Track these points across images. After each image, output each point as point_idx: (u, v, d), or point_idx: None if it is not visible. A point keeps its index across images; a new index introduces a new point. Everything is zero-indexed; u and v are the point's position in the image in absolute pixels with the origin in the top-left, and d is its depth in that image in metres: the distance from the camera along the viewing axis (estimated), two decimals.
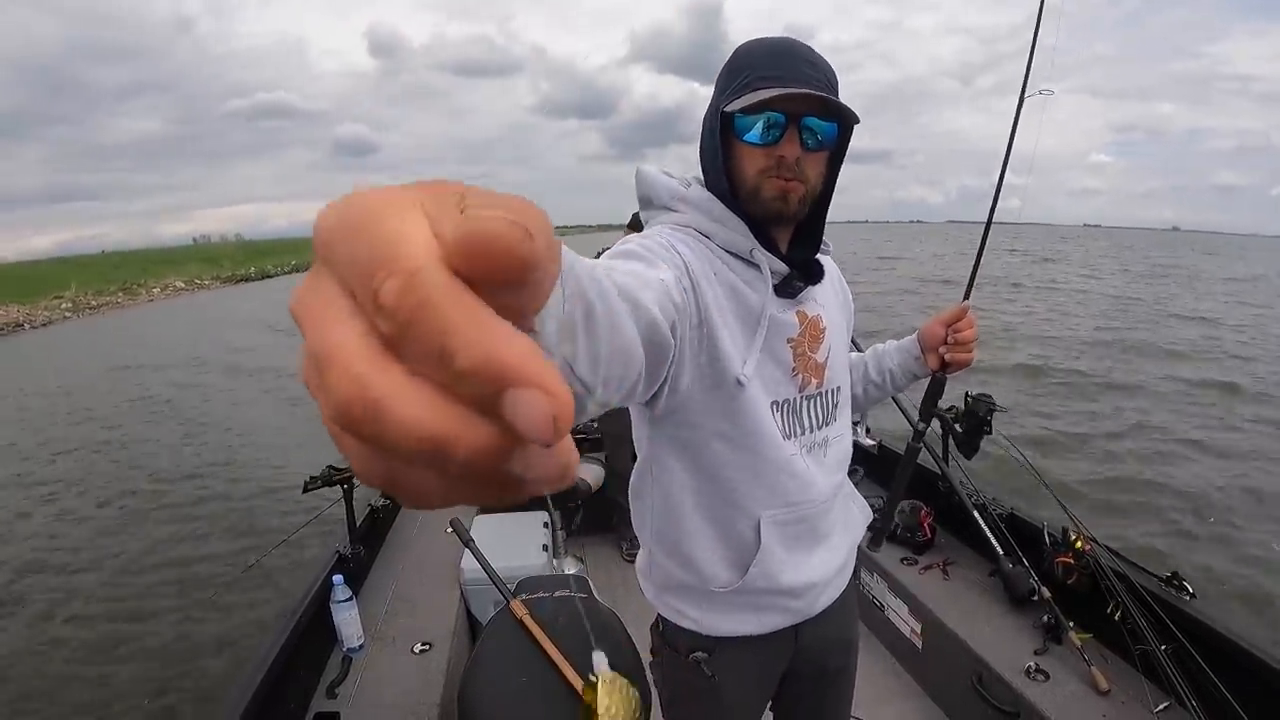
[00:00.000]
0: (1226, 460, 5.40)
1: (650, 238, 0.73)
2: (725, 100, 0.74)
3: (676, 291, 0.64)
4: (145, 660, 3.18)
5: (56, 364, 12.26)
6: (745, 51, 0.76)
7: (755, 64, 0.74)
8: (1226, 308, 15.37)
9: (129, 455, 6.45)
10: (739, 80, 0.74)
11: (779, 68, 0.73)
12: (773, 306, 0.77)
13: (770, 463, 0.79)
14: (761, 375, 0.77)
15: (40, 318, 20.43)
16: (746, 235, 0.77)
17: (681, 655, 0.88)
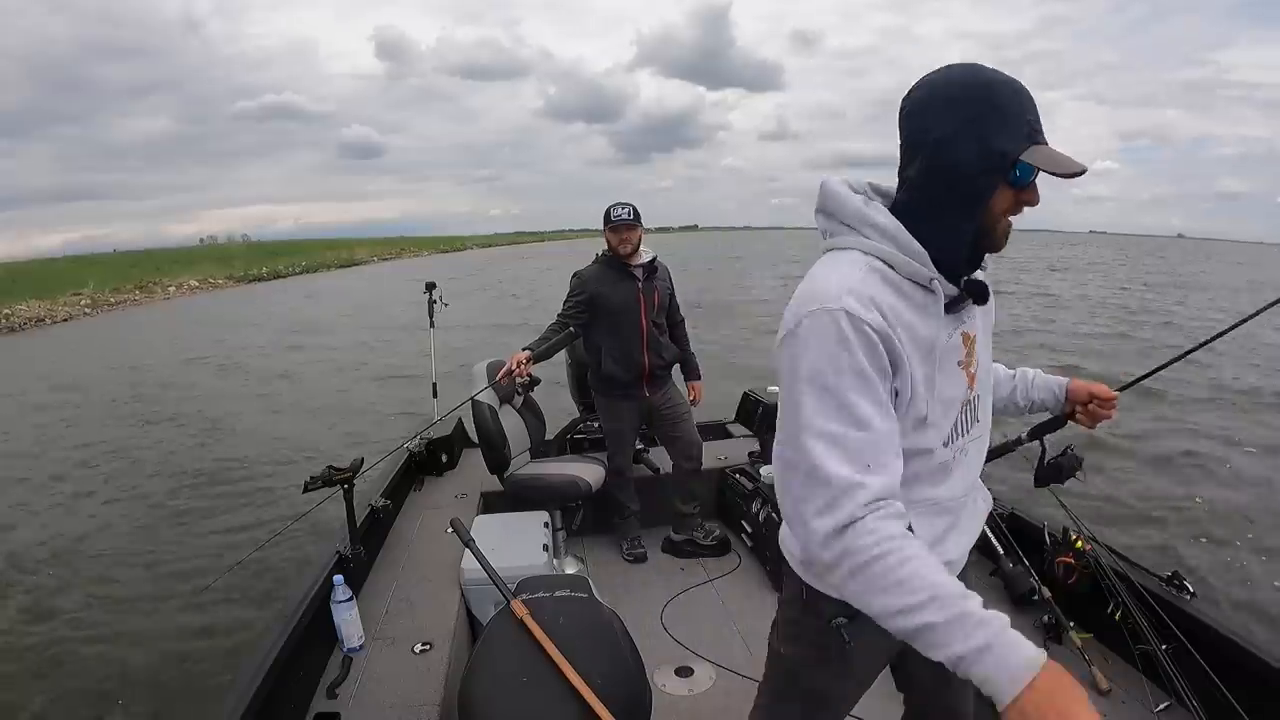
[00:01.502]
0: (1227, 459, 5.40)
1: (856, 336, 0.77)
2: (1004, 140, 0.78)
3: (897, 454, 0.79)
4: (144, 660, 3.18)
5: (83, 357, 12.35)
6: (1014, 93, 0.79)
7: (1027, 109, 0.79)
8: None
9: (147, 454, 6.49)
10: (1021, 128, 0.78)
11: (1037, 117, 0.79)
12: (944, 332, 0.86)
13: (928, 467, 0.88)
14: (941, 402, 0.87)
15: (61, 313, 20.89)
16: (928, 265, 0.83)
17: (823, 620, 0.95)
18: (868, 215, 0.85)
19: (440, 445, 2.92)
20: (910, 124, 0.83)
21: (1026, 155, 0.77)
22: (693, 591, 2.49)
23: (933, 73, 0.83)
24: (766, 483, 2.64)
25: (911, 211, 0.84)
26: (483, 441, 2.43)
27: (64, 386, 9.60)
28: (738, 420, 3.43)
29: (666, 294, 2.58)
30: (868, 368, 0.77)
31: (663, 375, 2.59)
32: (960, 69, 0.81)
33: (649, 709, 1.20)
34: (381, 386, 8.66)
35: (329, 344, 12.35)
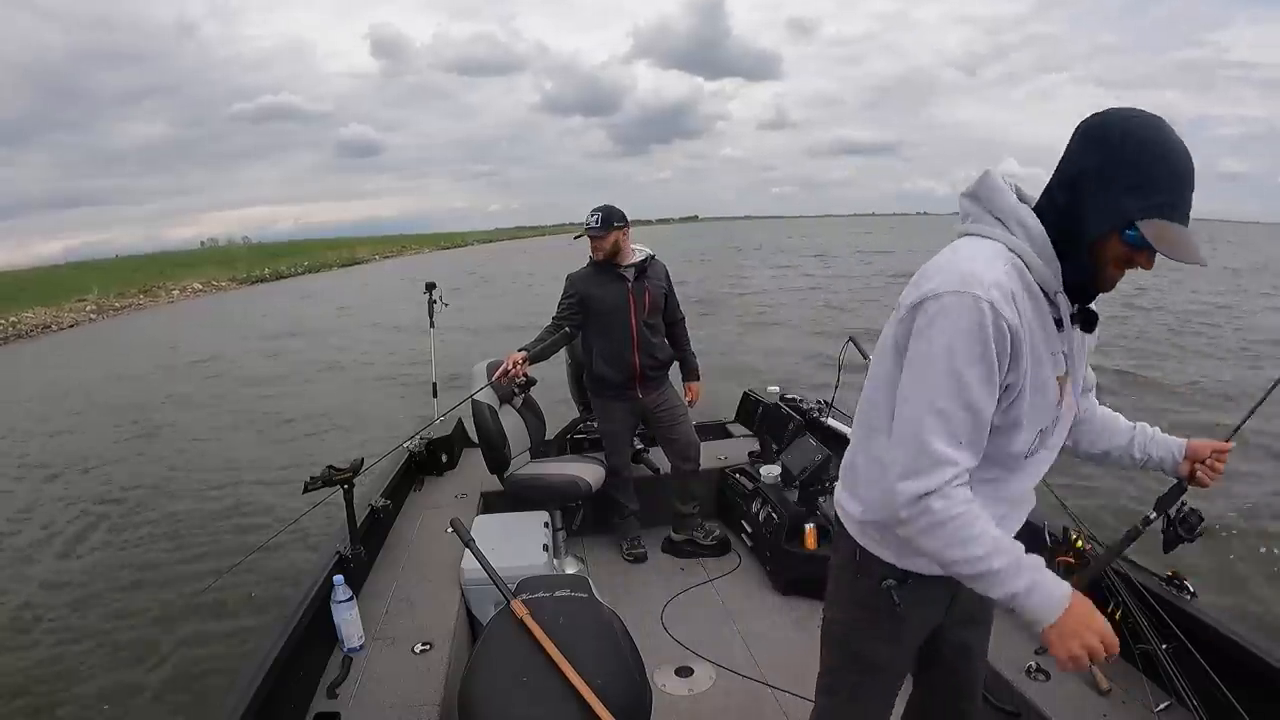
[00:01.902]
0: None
1: (994, 329, 0.83)
2: (1131, 200, 0.80)
3: (981, 445, 0.88)
4: (144, 660, 3.18)
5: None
6: (1168, 164, 0.80)
7: (1174, 186, 0.80)
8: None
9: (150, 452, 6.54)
10: (1156, 198, 0.80)
11: (1183, 198, 0.80)
12: (1054, 346, 0.91)
13: (1003, 459, 0.94)
14: (1034, 407, 0.90)
15: (67, 319, 21.01)
16: (1058, 277, 0.88)
17: (875, 581, 1.02)
18: (1020, 214, 0.89)
19: (440, 445, 2.92)
20: (1074, 143, 0.86)
21: (1142, 224, 0.79)
22: (693, 591, 2.49)
23: (1121, 110, 0.84)
24: (767, 482, 2.64)
25: (1046, 224, 0.88)
26: (483, 441, 2.43)
27: (71, 392, 9.64)
28: (737, 420, 3.43)
29: (660, 293, 2.56)
30: (994, 359, 0.83)
31: (656, 376, 2.58)
32: (1143, 119, 0.81)
33: (649, 709, 1.20)
34: (387, 385, 8.67)
35: (333, 343, 12.42)
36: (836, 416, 2.88)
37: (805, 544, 2.35)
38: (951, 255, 0.91)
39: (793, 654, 2.08)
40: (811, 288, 18.66)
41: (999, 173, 0.93)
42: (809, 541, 2.34)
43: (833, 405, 2.90)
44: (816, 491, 2.40)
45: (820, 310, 14.28)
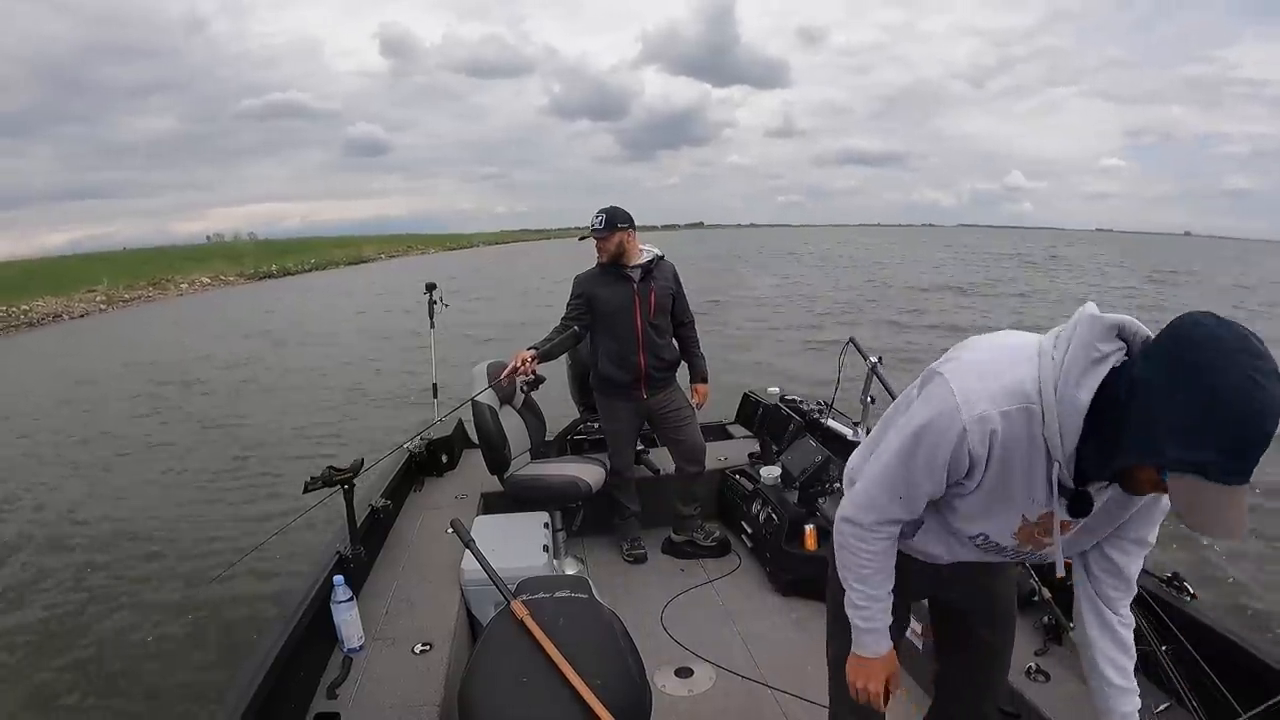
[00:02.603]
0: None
1: (956, 448, 0.87)
2: (1174, 443, 0.70)
3: (920, 509, 0.99)
4: (143, 660, 3.18)
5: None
6: (1238, 415, 0.67)
7: (1234, 448, 0.68)
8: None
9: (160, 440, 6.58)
10: (1203, 454, 0.68)
11: (1239, 461, 0.68)
12: (1035, 495, 0.89)
13: (955, 527, 1.01)
14: (979, 517, 0.96)
15: (77, 309, 21.39)
16: (1069, 455, 0.83)
17: None
18: (1075, 375, 0.80)
19: (440, 446, 2.92)
20: (1161, 342, 0.74)
21: (1173, 479, 0.71)
22: (693, 592, 2.49)
23: (1228, 329, 0.69)
24: (767, 484, 2.64)
25: (1104, 396, 0.78)
26: (483, 442, 2.43)
27: (84, 381, 9.76)
28: (738, 421, 3.42)
29: (667, 295, 2.55)
30: (945, 467, 0.90)
31: (662, 377, 2.58)
32: (1231, 346, 0.68)
33: (649, 710, 1.20)
34: (395, 385, 8.70)
35: (340, 343, 12.46)
36: (836, 418, 2.88)
37: (805, 545, 2.35)
38: (990, 350, 0.90)
39: (793, 655, 2.08)
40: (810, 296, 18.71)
41: (1112, 317, 0.79)
42: (809, 542, 2.34)
43: (833, 406, 2.90)
44: (816, 493, 2.40)
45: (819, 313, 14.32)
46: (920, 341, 10.48)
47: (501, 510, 2.49)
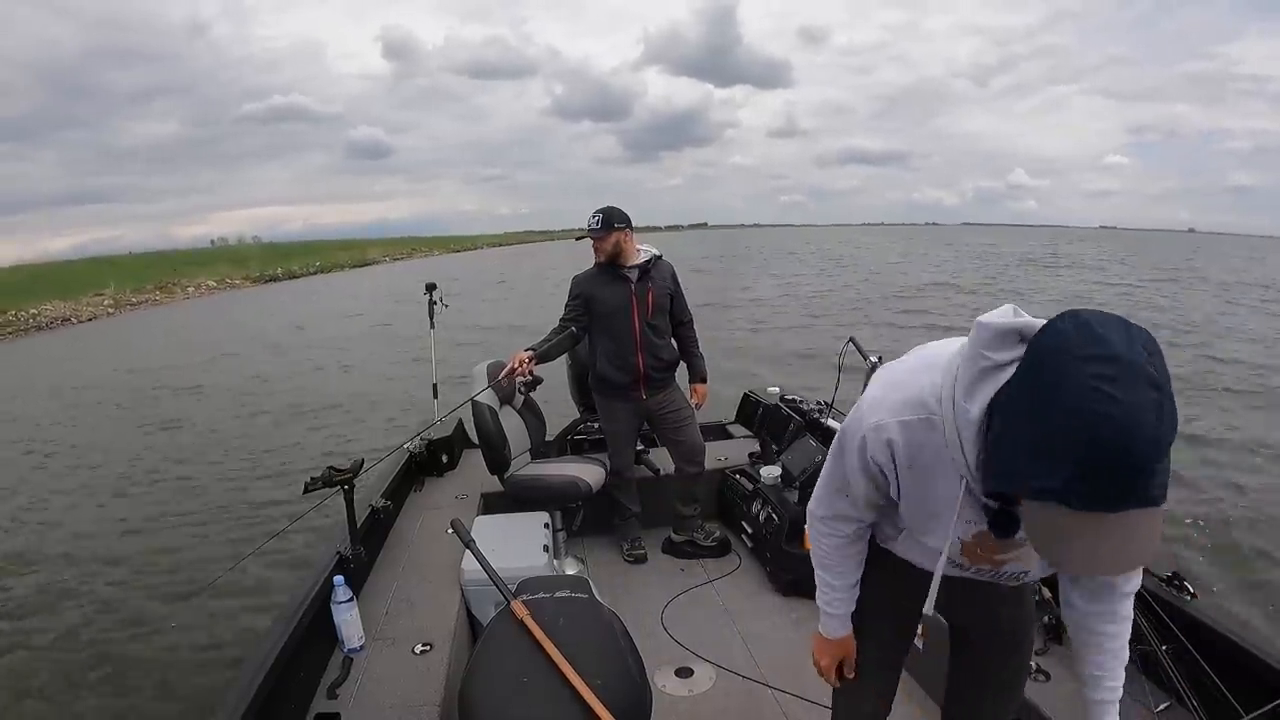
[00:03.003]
0: (1228, 459, 5.40)
1: (859, 457, 0.92)
2: (1039, 482, 0.63)
3: (869, 510, 1.02)
4: (144, 661, 3.18)
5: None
6: (1094, 444, 0.58)
7: (1097, 470, 0.59)
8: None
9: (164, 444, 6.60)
10: (1073, 482, 0.60)
11: (1107, 484, 0.59)
12: (970, 512, 0.86)
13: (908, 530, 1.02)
14: (915, 528, 0.97)
15: (85, 313, 21.68)
16: (974, 467, 0.78)
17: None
18: (964, 391, 0.75)
19: (440, 446, 2.92)
20: (1025, 352, 0.67)
21: (1029, 507, 0.66)
22: (693, 592, 2.49)
23: (1083, 331, 0.61)
24: (767, 483, 2.64)
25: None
26: (483, 442, 2.43)
27: (91, 385, 9.80)
28: (738, 421, 3.43)
29: (665, 295, 2.55)
30: (863, 471, 0.94)
31: (660, 378, 2.58)
32: (1079, 372, 0.59)
33: (649, 710, 1.20)
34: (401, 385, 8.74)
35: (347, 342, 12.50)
36: (836, 417, 2.88)
37: (805, 545, 2.34)
38: (909, 359, 0.91)
39: (793, 655, 2.07)
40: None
41: (1002, 322, 0.73)
42: (809, 543, 2.34)
43: (833, 406, 2.90)
44: None
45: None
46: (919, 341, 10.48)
47: (501, 510, 2.49)
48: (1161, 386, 0.58)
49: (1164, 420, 0.57)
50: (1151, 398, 0.57)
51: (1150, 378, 0.58)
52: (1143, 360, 0.58)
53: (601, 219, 2.42)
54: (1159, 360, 0.60)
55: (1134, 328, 0.62)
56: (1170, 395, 0.59)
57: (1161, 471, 0.59)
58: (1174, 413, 0.59)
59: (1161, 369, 0.59)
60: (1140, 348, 0.59)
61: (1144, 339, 0.61)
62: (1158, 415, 0.57)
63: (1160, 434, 0.57)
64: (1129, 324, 0.62)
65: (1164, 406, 0.58)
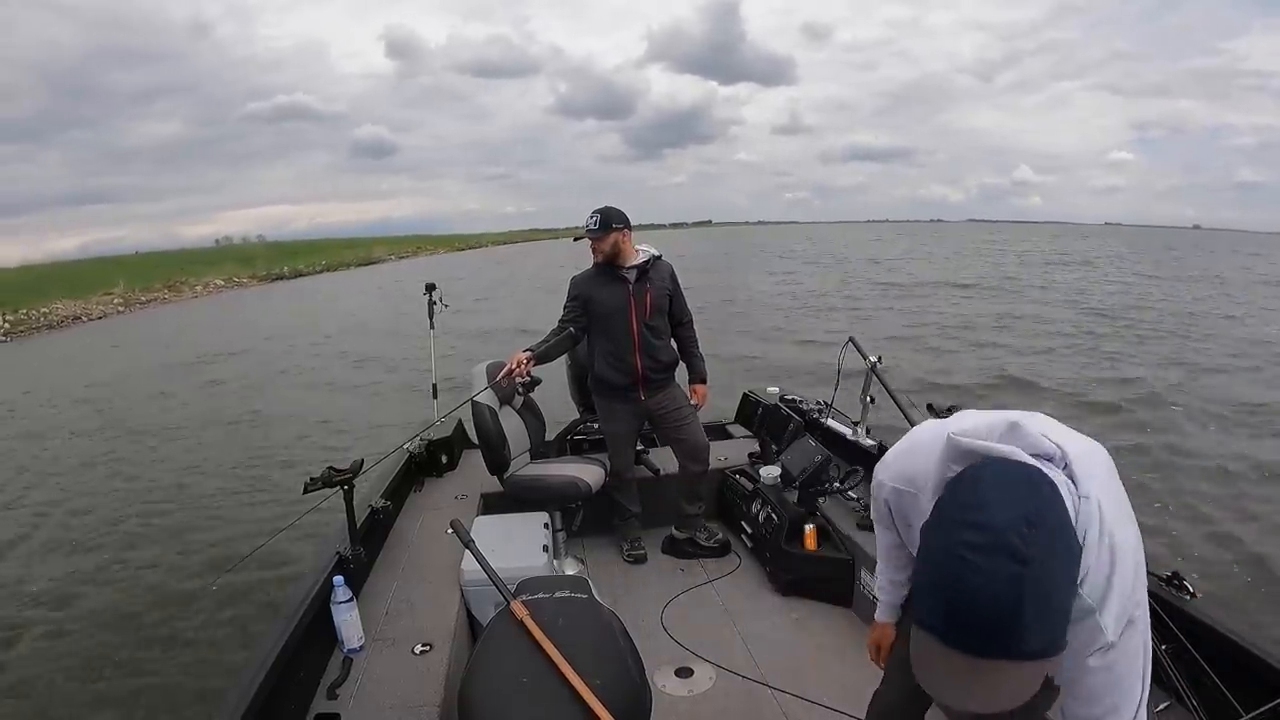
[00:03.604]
0: (1227, 459, 5.40)
1: (874, 502, 1.13)
2: (921, 606, 0.68)
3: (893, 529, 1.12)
4: (144, 662, 3.18)
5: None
6: (951, 598, 0.63)
7: (951, 620, 0.64)
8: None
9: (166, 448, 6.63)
10: (922, 606, 0.67)
11: (959, 635, 0.63)
12: None
13: None
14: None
15: (95, 311, 22.02)
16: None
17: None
18: (931, 494, 0.82)
19: (440, 446, 2.92)
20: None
21: (915, 631, 0.68)
22: (693, 592, 2.49)
23: (965, 492, 0.68)
24: (766, 483, 2.64)
25: None
26: (482, 442, 2.43)
27: (102, 383, 9.90)
28: (738, 421, 3.42)
29: (664, 295, 2.54)
30: (876, 503, 1.11)
31: (660, 378, 2.57)
32: (950, 531, 0.65)
33: (649, 710, 1.20)
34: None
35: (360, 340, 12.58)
36: (836, 417, 2.88)
37: (805, 545, 2.35)
38: (924, 430, 1.01)
39: (792, 655, 2.08)
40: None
41: (967, 444, 0.77)
42: (809, 542, 2.34)
43: (832, 406, 2.90)
44: (816, 492, 2.40)
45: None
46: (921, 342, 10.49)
47: (501, 510, 2.49)
48: (1028, 561, 0.60)
49: (1024, 593, 0.60)
50: (1010, 572, 0.60)
51: (1016, 553, 0.60)
52: (1012, 535, 0.61)
53: (599, 219, 2.41)
54: (1040, 535, 0.62)
55: (1034, 495, 0.65)
56: (1042, 568, 0.61)
57: (1033, 632, 0.61)
58: (1044, 581, 0.61)
59: (1038, 543, 0.61)
60: (1024, 523, 0.62)
61: (1033, 510, 0.63)
62: (1016, 588, 0.60)
63: (1018, 605, 0.60)
64: (1036, 493, 0.66)
65: (1025, 580, 0.60)
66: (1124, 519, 0.79)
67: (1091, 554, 0.75)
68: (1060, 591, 0.64)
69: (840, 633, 2.19)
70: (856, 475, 2.37)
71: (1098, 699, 0.80)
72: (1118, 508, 0.79)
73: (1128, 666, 0.80)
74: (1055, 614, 0.63)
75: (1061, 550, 0.65)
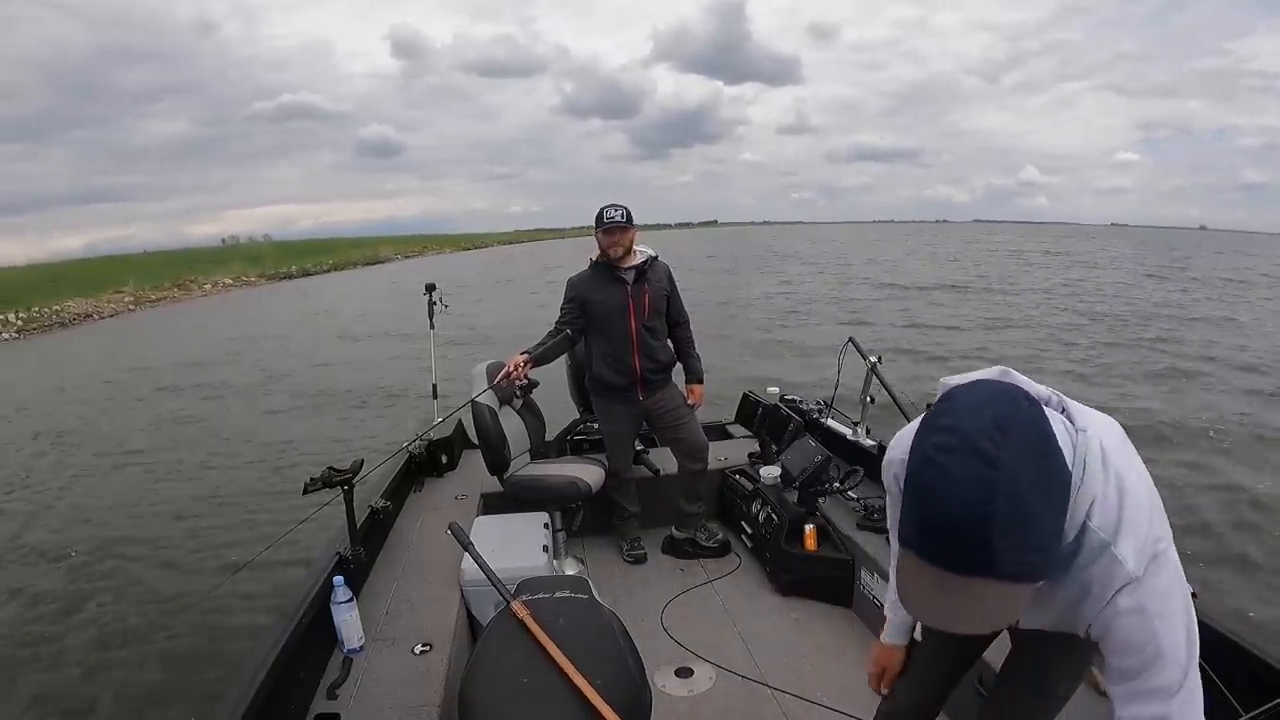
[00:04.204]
0: (1228, 460, 5.40)
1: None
2: (904, 522, 0.69)
3: None
4: (144, 662, 3.18)
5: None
6: (923, 504, 0.64)
7: (925, 530, 0.64)
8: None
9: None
10: (914, 532, 0.66)
11: (931, 544, 0.64)
12: None
13: None
14: None
15: (107, 309, 22.29)
16: None
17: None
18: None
19: (440, 446, 2.92)
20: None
21: (902, 552, 0.67)
22: (693, 592, 2.49)
23: (944, 405, 0.67)
24: (766, 483, 2.64)
25: None
26: (483, 443, 2.43)
27: (109, 381, 9.98)
28: (737, 421, 3.43)
29: (661, 296, 2.53)
30: (893, 494, 1.07)
31: (658, 379, 2.57)
32: (921, 439, 0.66)
33: (649, 710, 1.20)
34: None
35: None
36: (836, 417, 2.88)
37: (805, 545, 2.35)
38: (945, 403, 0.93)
39: (792, 655, 2.08)
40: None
41: (952, 381, 0.76)
42: (809, 543, 2.34)
43: (832, 406, 2.90)
44: (816, 492, 2.40)
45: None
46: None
47: (501, 511, 2.49)
48: (996, 463, 0.59)
49: (994, 496, 0.58)
50: (978, 473, 0.59)
51: (983, 454, 0.59)
52: (980, 437, 0.60)
53: (625, 213, 2.40)
54: (1012, 441, 0.60)
55: (1008, 405, 0.63)
56: (1013, 474, 0.59)
57: (1005, 546, 0.59)
58: (1016, 489, 0.59)
59: (1010, 449, 0.59)
60: (993, 427, 0.60)
61: (1003, 419, 0.61)
62: (984, 491, 0.58)
63: (987, 510, 0.58)
64: (1008, 401, 0.64)
65: (996, 484, 0.58)
66: (1135, 465, 0.78)
67: (1095, 483, 0.73)
68: (1035, 507, 0.60)
69: (840, 633, 2.19)
70: (856, 475, 2.37)
71: (1136, 648, 0.75)
72: (1127, 455, 0.77)
73: (1162, 606, 0.75)
74: (1030, 532, 0.60)
75: (1036, 463, 0.61)
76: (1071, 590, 0.80)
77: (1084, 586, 0.78)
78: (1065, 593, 0.81)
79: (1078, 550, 0.76)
